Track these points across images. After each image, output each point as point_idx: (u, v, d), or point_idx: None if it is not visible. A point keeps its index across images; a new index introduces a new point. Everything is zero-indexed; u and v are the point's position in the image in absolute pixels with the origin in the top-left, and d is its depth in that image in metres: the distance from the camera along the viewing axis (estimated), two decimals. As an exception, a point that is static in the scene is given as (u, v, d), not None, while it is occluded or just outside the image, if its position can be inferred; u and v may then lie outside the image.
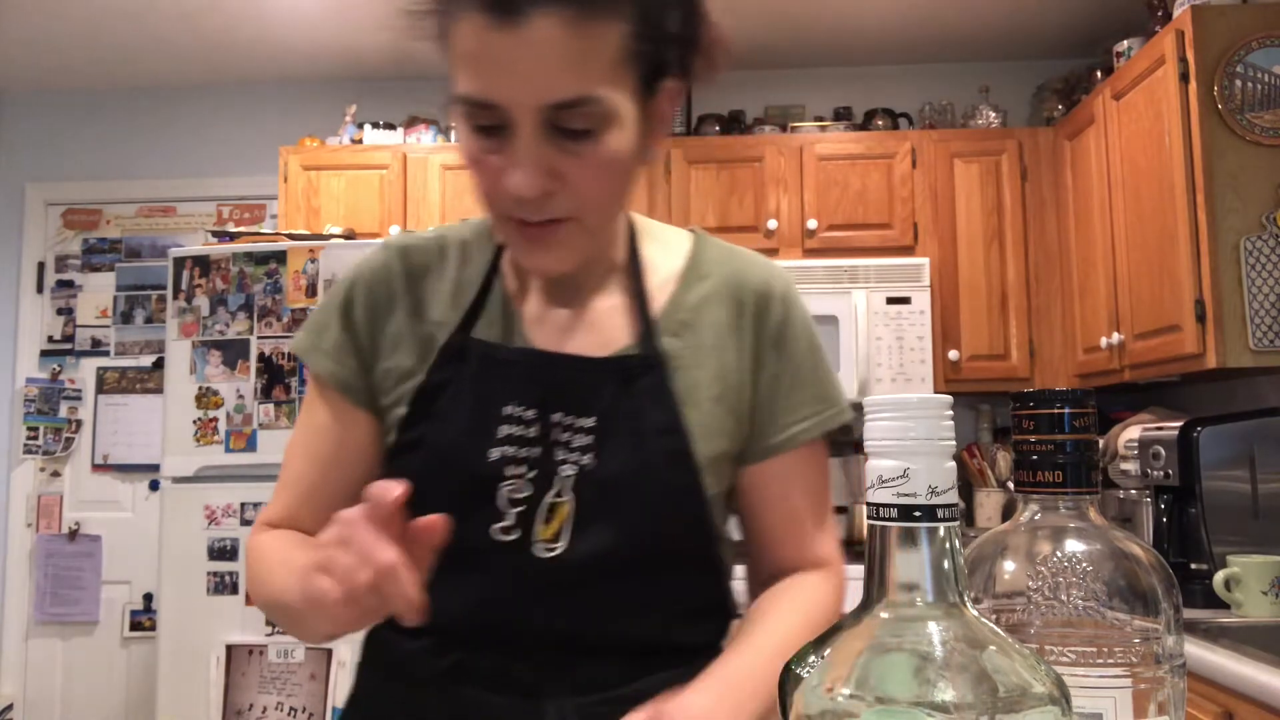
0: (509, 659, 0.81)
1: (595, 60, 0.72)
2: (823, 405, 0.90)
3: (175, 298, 2.57)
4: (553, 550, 0.80)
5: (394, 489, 0.65)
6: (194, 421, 2.53)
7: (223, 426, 2.51)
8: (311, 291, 2.51)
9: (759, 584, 0.91)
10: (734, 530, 0.93)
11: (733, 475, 0.88)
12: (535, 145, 0.73)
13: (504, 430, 0.81)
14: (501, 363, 0.83)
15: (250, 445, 2.51)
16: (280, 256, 2.54)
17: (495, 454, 0.80)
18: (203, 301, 2.55)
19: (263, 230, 3.38)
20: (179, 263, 2.59)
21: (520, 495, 0.80)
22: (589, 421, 0.81)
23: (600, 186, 0.77)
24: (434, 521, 0.66)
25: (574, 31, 0.70)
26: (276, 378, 2.49)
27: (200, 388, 2.53)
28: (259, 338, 2.52)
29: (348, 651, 2.35)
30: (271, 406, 2.49)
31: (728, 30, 0.83)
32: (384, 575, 0.62)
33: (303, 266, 2.52)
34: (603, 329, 0.86)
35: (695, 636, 0.86)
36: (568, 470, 0.80)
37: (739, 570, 0.95)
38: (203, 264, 2.57)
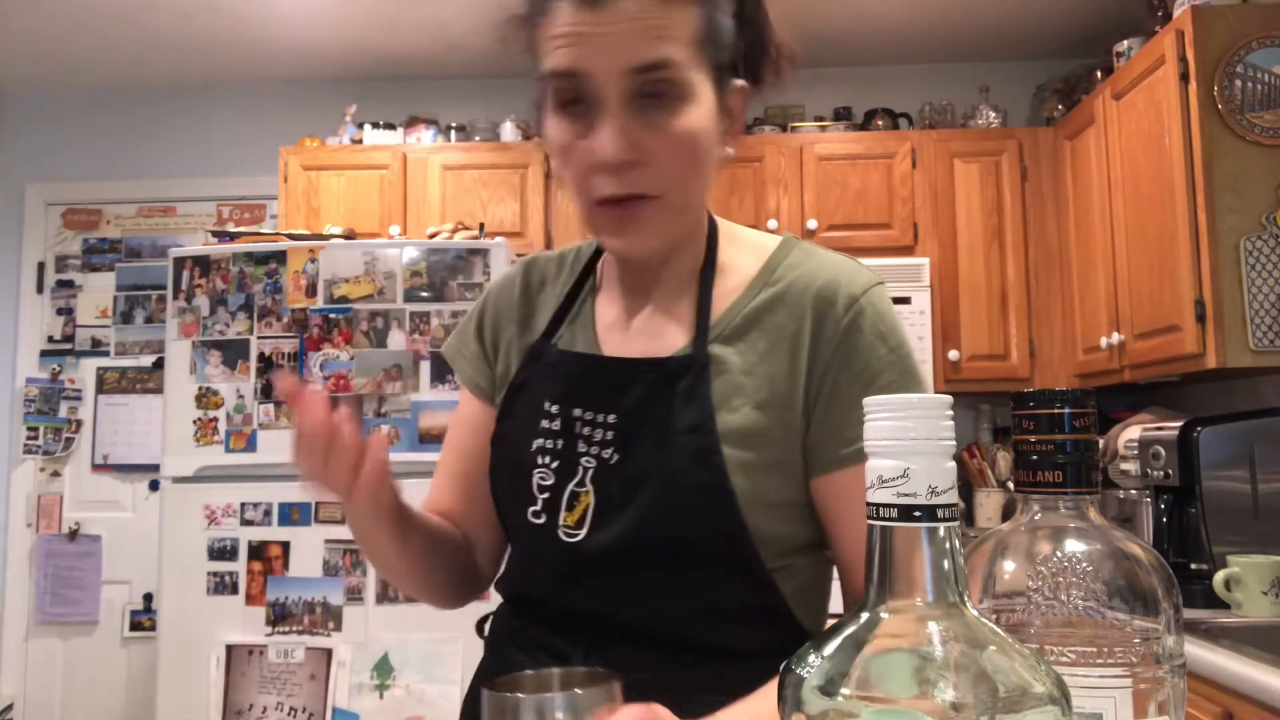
0: (553, 633, 0.88)
1: (675, 32, 0.79)
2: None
3: (175, 298, 2.57)
4: (574, 536, 0.85)
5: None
6: (194, 421, 2.53)
7: (223, 426, 2.51)
8: (311, 291, 2.51)
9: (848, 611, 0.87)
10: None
11: (791, 485, 0.86)
12: (620, 112, 0.79)
13: (542, 424, 0.90)
14: (551, 365, 0.93)
15: (250, 445, 2.51)
16: (280, 256, 2.54)
17: (534, 445, 0.89)
18: (203, 301, 2.55)
19: (263, 230, 3.38)
20: (179, 263, 2.59)
21: (546, 483, 0.88)
22: (610, 418, 0.86)
23: (680, 162, 0.82)
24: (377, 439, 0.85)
25: (656, 8, 0.78)
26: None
27: (200, 388, 2.53)
28: (259, 338, 2.52)
29: (347, 652, 2.35)
30: (271, 406, 2.49)
31: (789, 38, 0.90)
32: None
33: (303, 266, 2.52)
34: (664, 334, 0.90)
35: (732, 639, 0.84)
36: (587, 462, 0.86)
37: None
38: (203, 264, 2.57)
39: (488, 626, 0.99)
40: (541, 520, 0.87)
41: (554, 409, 0.89)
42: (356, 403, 2.45)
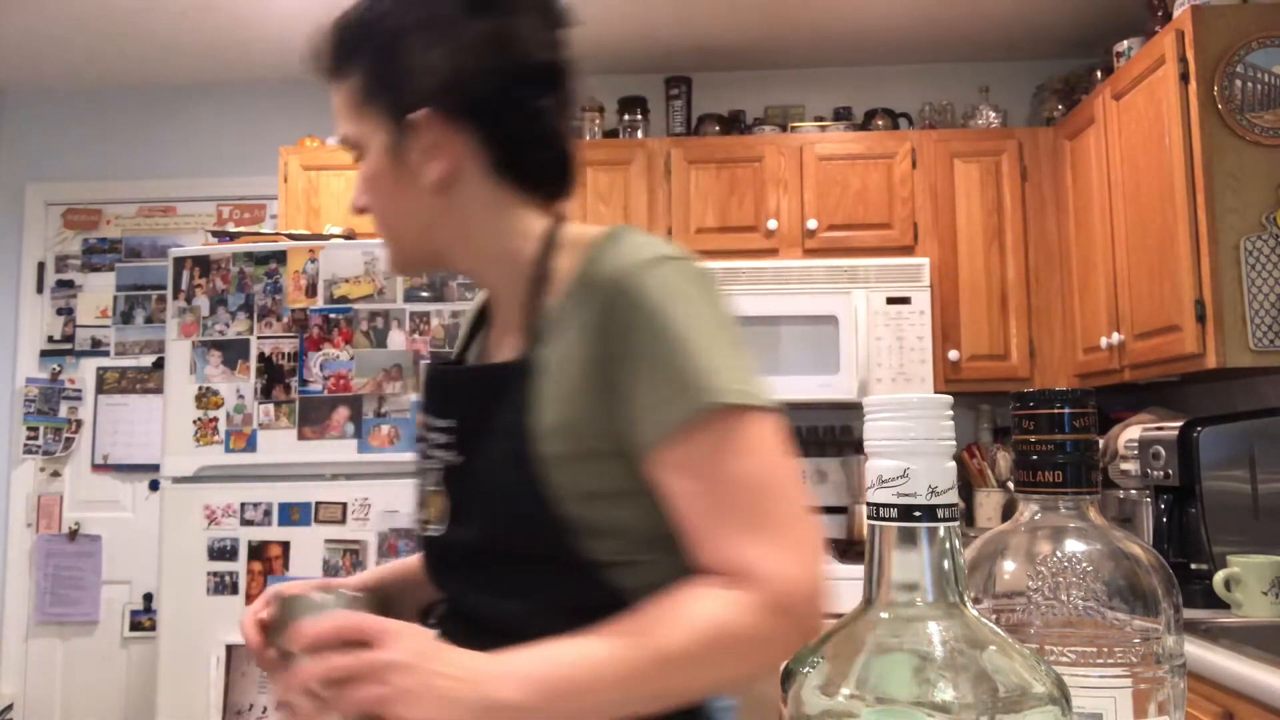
0: (440, 621, 0.96)
1: (345, 105, 0.94)
2: (681, 393, 0.79)
3: (175, 298, 2.58)
4: (435, 533, 0.94)
5: None
6: (194, 421, 2.53)
7: (223, 426, 2.51)
8: (311, 291, 2.51)
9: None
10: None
11: (623, 473, 0.85)
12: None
13: (418, 433, 1.02)
14: (422, 380, 1.04)
15: (250, 445, 2.51)
16: (280, 256, 2.54)
17: (417, 452, 1.01)
18: (203, 301, 2.55)
19: (263, 230, 3.38)
20: (179, 263, 2.59)
21: (419, 485, 0.98)
22: (447, 423, 0.93)
23: (372, 203, 0.95)
24: None
25: (334, 89, 0.95)
26: (276, 378, 2.50)
27: (200, 388, 2.53)
28: (259, 338, 2.52)
29: (348, 651, 2.35)
30: (271, 407, 2.49)
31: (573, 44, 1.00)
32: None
33: (303, 266, 2.52)
34: (506, 344, 0.97)
35: (568, 635, 0.82)
36: (438, 465, 0.94)
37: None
38: (203, 264, 2.57)
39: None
40: (418, 518, 0.98)
41: (420, 418, 1.01)
42: (356, 403, 2.45)
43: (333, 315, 2.49)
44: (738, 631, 0.75)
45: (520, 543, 0.86)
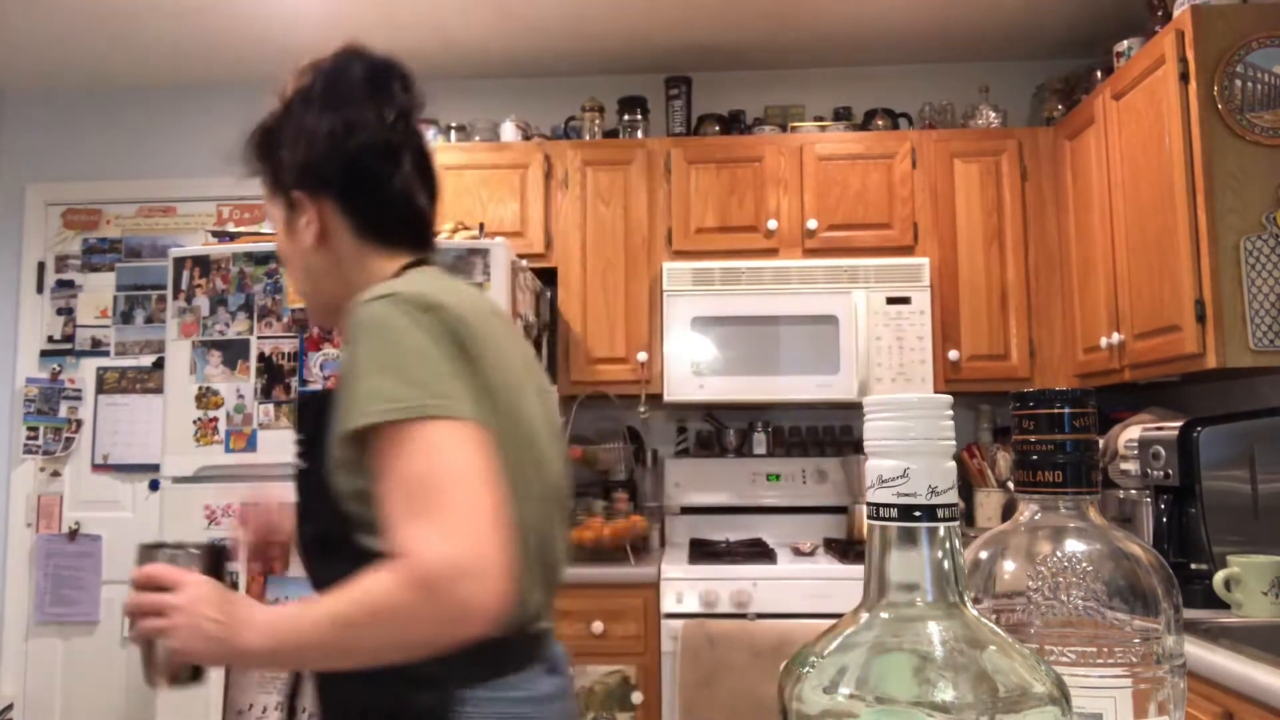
0: None
1: (263, 193, 1.21)
2: (346, 412, 0.99)
3: (175, 298, 2.57)
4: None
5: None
6: (194, 421, 2.53)
7: (223, 426, 2.51)
8: (311, 291, 2.51)
9: None
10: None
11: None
12: None
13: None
14: None
15: (250, 445, 2.51)
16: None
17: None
18: (203, 301, 2.55)
19: (263, 230, 3.38)
20: (179, 263, 2.59)
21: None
22: (300, 437, 1.13)
23: (285, 265, 1.22)
24: None
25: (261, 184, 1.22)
26: (276, 378, 2.49)
27: (200, 388, 2.53)
28: (259, 338, 2.52)
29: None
30: (271, 406, 2.49)
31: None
32: None
33: (303, 266, 2.52)
34: None
35: None
36: (294, 470, 1.13)
37: None
38: (203, 264, 2.56)
39: None
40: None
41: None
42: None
43: (333, 315, 2.49)
44: (380, 602, 0.90)
45: (327, 536, 1.06)
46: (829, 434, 3.46)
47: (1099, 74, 3.03)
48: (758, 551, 2.95)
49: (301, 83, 1.20)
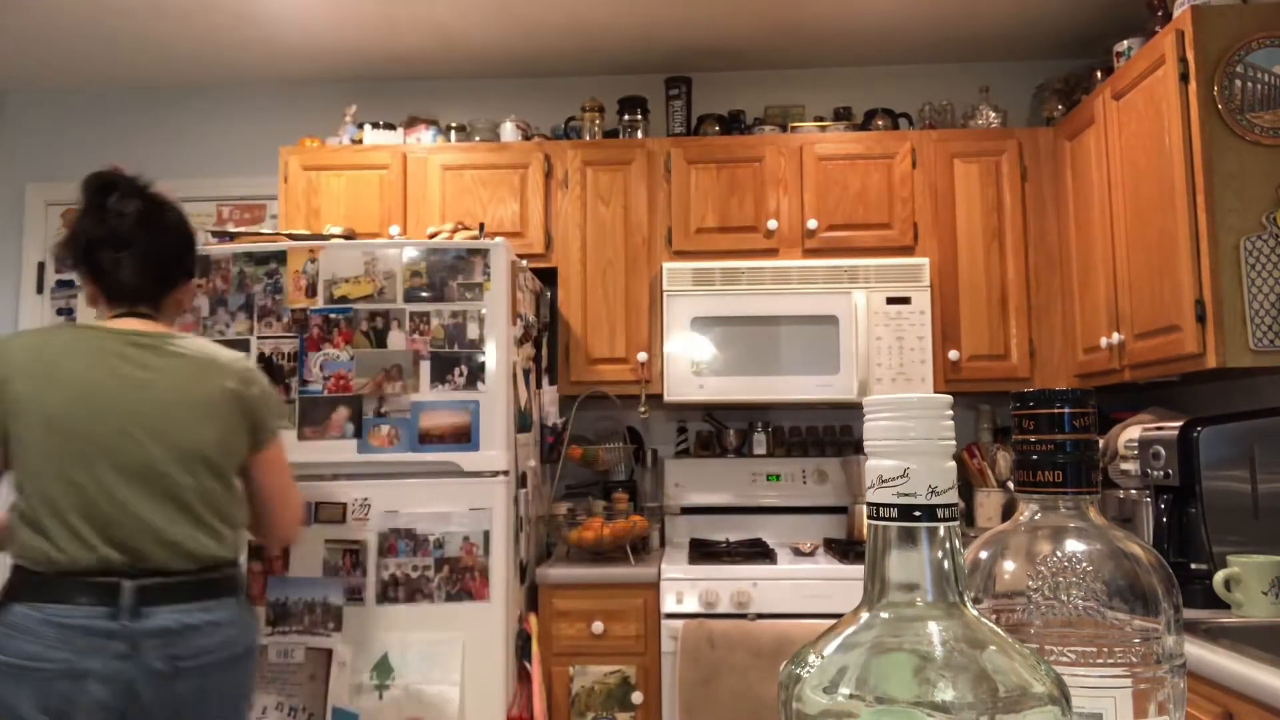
0: None
1: None
2: None
3: (175, 298, 2.57)
4: None
5: None
6: (194, 421, 2.52)
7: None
8: (311, 292, 2.51)
9: None
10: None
11: None
12: None
13: None
14: None
15: (250, 445, 2.50)
16: (280, 257, 2.54)
17: None
18: (203, 302, 2.55)
19: (263, 230, 3.38)
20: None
21: None
22: None
23: None
24: None
25: None
26: (276, 378, 2.49)
27: (200, 388, 2.53)
28: (259, 338, 2.52)
29: (347, 652, 2.35)
30: (271, 406, 2.49)
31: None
32: None
33: (303, 267, 2.52)
34: None
35: None
36: None
37: None
38: (203, 264, 2.56)
39: None
40: None
41: None
42: (356, 403, 2.45)
43: (332, 315, 2.49)
44: None
45: None
46: (829, 434, 3.47)
47: (1099, 74, 3.04)
48: (758, 551, 2.95)
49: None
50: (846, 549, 2.95)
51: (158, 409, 1.60)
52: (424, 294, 2.48)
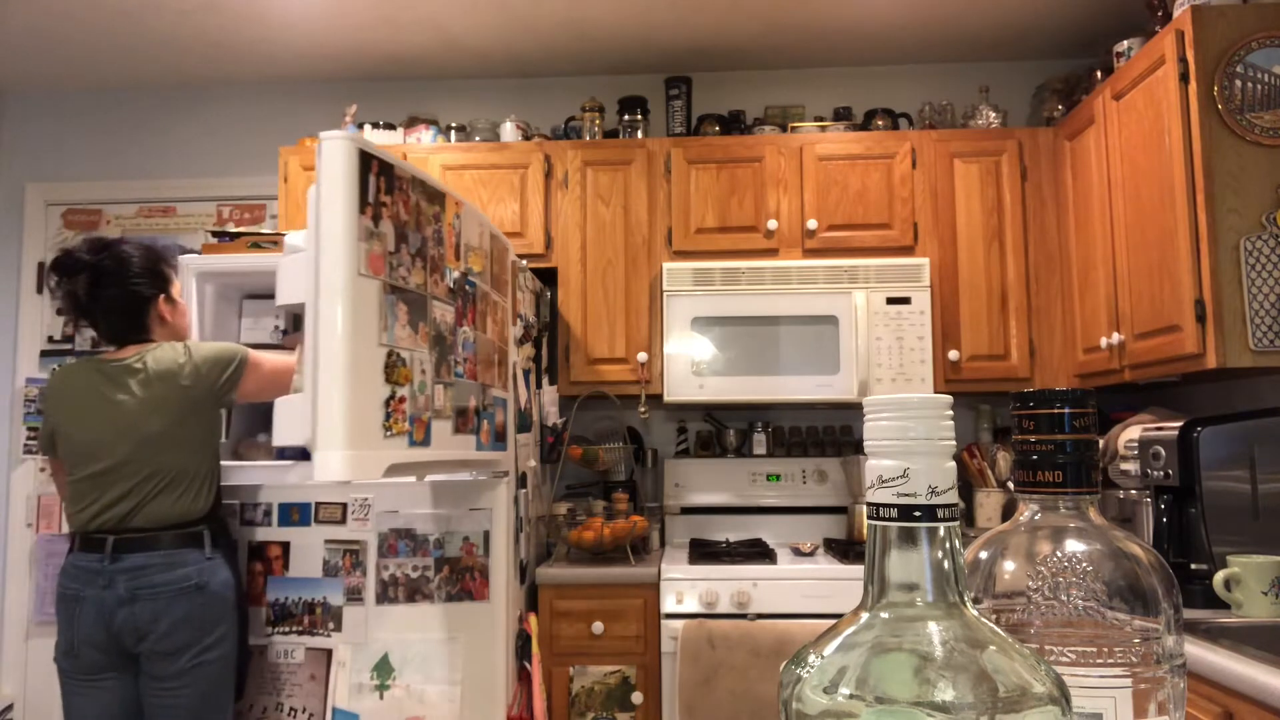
0: None
1: None
2: None
3: (175, 298, 2.57)
4: None
5: None
6: (194, 421, 2.53)
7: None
8: (312, 291, 2.51)
9: None
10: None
11: None
12: None
13: None
14: None
15: (250, 445, 2.50)
16: (441, 200, 2.53)
17: None
18: (389, 229, 2.53)
19: (263, 230, 3.38)
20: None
21: None
22: None
23: None
24: None
25: None
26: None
27: (200, 388, 2.53)
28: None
29: (347, 652, 2.35)
30: (271, 406, 2.49)
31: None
32: None
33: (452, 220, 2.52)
34: None
35: None
36: None
37: None
38: (203, 264, 2.56)
39: None
40: None
41: None
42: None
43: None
44: None
45: None
46: (829, 434, 3.47)
47: (1099, 74, 3.04)
48: (758, 552, 2.95)
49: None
50: (846, 549, 2.95)
51: (131, 416, 2.15)
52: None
